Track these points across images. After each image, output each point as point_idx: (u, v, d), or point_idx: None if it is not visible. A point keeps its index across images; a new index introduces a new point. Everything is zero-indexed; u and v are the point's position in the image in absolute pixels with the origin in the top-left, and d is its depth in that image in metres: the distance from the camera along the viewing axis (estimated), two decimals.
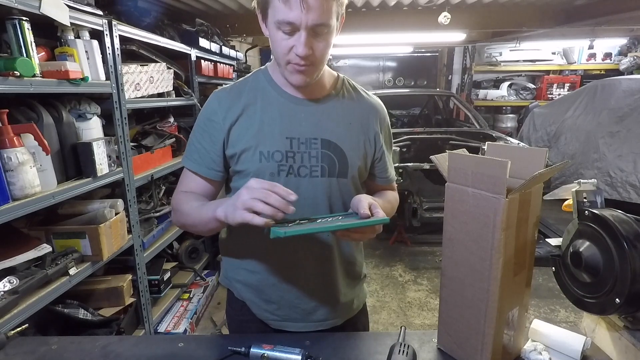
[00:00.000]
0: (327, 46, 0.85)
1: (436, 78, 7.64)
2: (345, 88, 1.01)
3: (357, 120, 0.98)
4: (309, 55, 0.82)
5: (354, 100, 1.00)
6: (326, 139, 0.93)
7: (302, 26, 0.78)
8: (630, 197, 3.25)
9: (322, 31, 0.81)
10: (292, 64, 0.84)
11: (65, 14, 1.47)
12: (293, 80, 0.88)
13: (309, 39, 0.80)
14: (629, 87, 3.67)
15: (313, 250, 0.96)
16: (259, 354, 0.80)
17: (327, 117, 0.95)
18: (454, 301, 0.84)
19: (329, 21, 0.81)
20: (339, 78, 1.01)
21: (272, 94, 0.95)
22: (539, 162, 0.81)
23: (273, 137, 0.91)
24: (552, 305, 2.91)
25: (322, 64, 0.89)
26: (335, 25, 0.84)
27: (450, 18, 3.50)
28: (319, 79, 0.94)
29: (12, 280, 1.30)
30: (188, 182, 0.98)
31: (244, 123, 0.92)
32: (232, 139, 0.93)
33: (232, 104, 0.93)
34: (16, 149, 1.28)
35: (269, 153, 0.90)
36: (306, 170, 0.92)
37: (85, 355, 0.89)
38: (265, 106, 0.93)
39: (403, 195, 3.40)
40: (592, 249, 0.88)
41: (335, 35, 0.87)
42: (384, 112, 1.05)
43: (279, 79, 0.95)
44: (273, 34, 0.83)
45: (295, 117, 0.93)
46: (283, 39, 0.82)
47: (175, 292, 2.57)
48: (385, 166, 1.06)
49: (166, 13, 3.05)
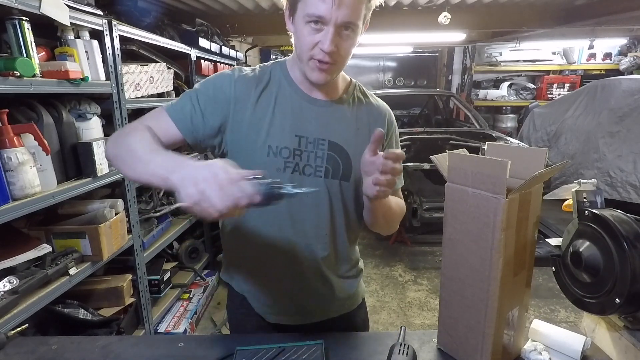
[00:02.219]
0: (351, 46, 0.86)
1: (436, 78, 7.64)
2: (357, 93, 1.02)
3: (365, 126, 0.99)
4: (333, 53, 0.82)
5: (364, 106, 1.01)
6: (334, 141, 0.94)
7: (331, 22, 0.79)
8: (630, 197, 3.25)
9: (349, 29, 0.82)
10: (314, 59, 0.84)
11: (65, 14, 1.47)
12: (313, 77, 0.88)
13: (336, 36, 0.81)
14: (629, 87, 3.67)
15: (309, 244, 0.97)
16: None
17: (336, 120, 0.95)
18: (454, 301, 0.84)
19: (357, 20, 0.82)
20: (351, 83, 1.02)
21: (287, 90, 0.95)
22: (539, 162, 0.81)
23: (283, 132, 0.91)
24: (552, 305, 2.91)
25: (344, 64, 0.89)
26: (361, 27, 0.86)
27: (450, 18, 3.50)
28: (333, 82, 0.95)
29: (12, 280, 1.30)
30: (158, 124, 0.88)
31: (258, 113, 0.91)
32: (242, 126, 0.90)
33: (249, 90, 0.91)
34: (16, 149, 1.28)
35: (277, 148, 0.90)
36: (311, 170, 0.93)
37: (85, 355, 0.89)
38: (279, 100, 0.93)
39: (403, 195, 3.39)
40: (592, 249, 0.88)
41: (358, 40, 0.88)
42: (392, 116, 1.05)
43: (295, 75, 0.95)
44: (300, 28, 0.84)
45: (306, 116, 0.93)
46: (310, 34, 0.82)
47: (175, 292, 2.57)
48: None
49: (166, 13, 3.05)
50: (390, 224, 1.04)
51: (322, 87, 0.94)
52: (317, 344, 0.87)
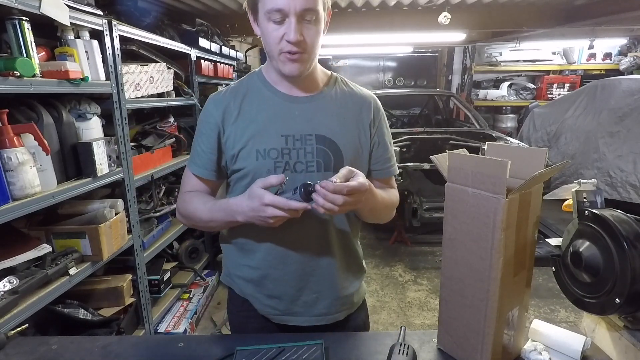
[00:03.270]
0: (317, 33, 0.88)
1: (436, 78, 7.64)
2: (339, 85, 1.03)
3: (351, 114, 1.00)
4: (300, 42, 0.85)
5: (346, 95, 1.02)
6: (321, 134, 0.95)
7: (290, 12, 0.82)
8: (630, 197, 3.25)
9: (310, 17, 0.85)
10: (284, 53, 0.87)
11: (65, 14, 1.47)
12: (287, 70, 0.89)
13: (299, 25, 0.84)
14: (629, 87, 3.66)
15: (313, 244, 0.98)
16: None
17: (321, 113, 0.97)
18: (454, 301, 0.84)
19: (316, 7, 0.85)
20: (332, 76, 1.04)
21: (266, 94, 0.97)
22: (539, 162, 0.81)
23: (269, 135, 0.94)
24: (552, 305, 2.91)
25: (314, 52, 0.91)
26: (322, 14, 0.88)
27: (450, 18, 3.50)
28: (311, 76, 0.97)
29: (12, 280, 1.30)
30: (191, 183, 1.02)
31: (241, 123, 0.95)
32: (230, 140, 0.95)
33: (228, 105, 0.96)
34: (16, 149, 1.28)
35: (265, 151, 0.93)
36: (302, 166, 0.94)
37: (85, 355, 0.89)
38: (260, 106, 0.96)
39: (403, 195, 3.40)
40: (592, 249, 0.88)
41: (325, 27, 0.91)
42: (378, 103, 1.06)
43: (272, 78, 0.98)
44: (264, 27, 0.87)
45: (290, 115, 0.95)
46: (274, 30, 0.85)
47: (175, 292, 2.57)
48: (384, 156, 1.05)
49: (166, 13, 3.05)
50: (380, 216, 1.05)
51: (300, 83, 0.96)
52: (317, 344, 0.87)
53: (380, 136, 1.04)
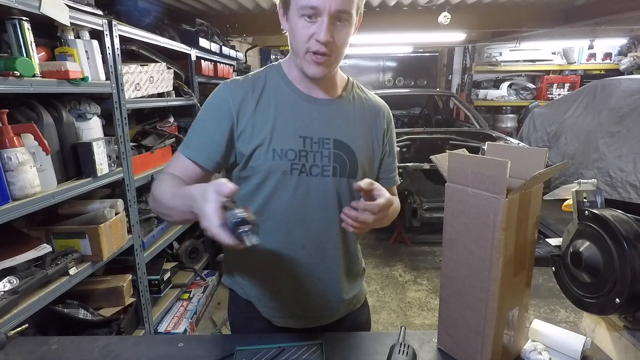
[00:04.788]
0: (346, 36, 0.86)
1: (436, 78, 7.64)
2: (356, 90, 1.02)
3: (366, 122, 0.99)
4: (329, 43, 0.83)
5: (363, 103, 1.01)
6: (338, 139, 0.93)
7: (324, 11, 0.80)
8: (630, 197, 3.25)
9: (343, 19, 0.83)
10: (311, 52, 0.84)
11: (65, 14, 1.47)
12: (310, 71, 0.87)
13: (331, 25, 0.81)
14: (629, 87, 3.66)
15: (317, 248, 0.97)
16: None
17: (339, 118, 0.96)
18: (454, 301, 0.84)
19: (350, 9, 0.82)
20: (349, 81, 1.03)
21: (286, 91, 0.94)
22: (539, 162, 0.81)
23: (286, 135, 0.90)
24: (552, 305, 2.91)
25: (340, 55, 0.89)
26: (355, 17, 0.86)
27: (450, 18, 3.50)
28: (332, 80, 0.95)
29: (12, 280, 1.30)
30: (179, 167, 0.91)
31: (259, 118, 0.90)
32: (245, 134, 0.90)
33: (246, 96, 0.91)
34: (16, 149, 1.28)
35: (282, 151, 0.90)
36: (318, 170, 0.92)
37: (85, 355, 0.89)
38: (279, 103, 0.92)
39: (403, 195, 3.40)
40: (592, 249, 0.88)
41: (354, 32, 0.88)
42: (390, 112, 1.07)
43: (293, 75, 0.95)
44: (294, 22, 0.84)
45: (309, 116, 0.93)
46: (305, 27, 0.83)
47: (175, 292, 2.57)
48: (391, 166, 1.08)
49: (166, 13, 3.05)
50: (382, 223, 1.05)
51: (321, 85, 0.94)
52: (317, 344, 0.87)
53: (390, 146, 1.05)
